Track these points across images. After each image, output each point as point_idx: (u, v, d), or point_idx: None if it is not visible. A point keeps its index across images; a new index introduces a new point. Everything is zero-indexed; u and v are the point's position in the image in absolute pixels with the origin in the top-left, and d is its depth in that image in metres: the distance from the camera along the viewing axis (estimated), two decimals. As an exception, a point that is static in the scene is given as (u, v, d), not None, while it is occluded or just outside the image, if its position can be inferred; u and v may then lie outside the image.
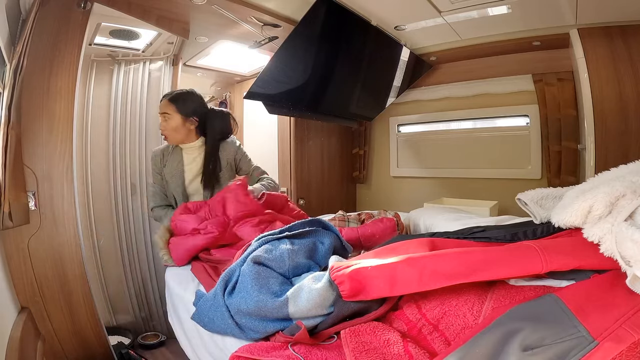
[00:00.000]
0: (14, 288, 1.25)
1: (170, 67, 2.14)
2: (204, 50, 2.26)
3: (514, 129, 2.42)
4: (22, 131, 1.28)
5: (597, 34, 1.72)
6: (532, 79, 2.26)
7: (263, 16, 1.78)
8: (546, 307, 0.59)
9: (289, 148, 2.50)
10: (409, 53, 2.31)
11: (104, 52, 1.99)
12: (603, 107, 1.68)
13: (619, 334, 0.50)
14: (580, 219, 0.71)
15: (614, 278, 0.63)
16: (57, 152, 1.34)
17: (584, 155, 1.84)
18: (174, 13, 1.76)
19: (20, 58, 1.12)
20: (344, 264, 0.80)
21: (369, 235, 1.30)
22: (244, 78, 2.88)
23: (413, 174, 2.87)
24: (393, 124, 2.94)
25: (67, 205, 1.36)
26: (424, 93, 2.74)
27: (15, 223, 1.14)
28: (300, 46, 1.84)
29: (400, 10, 1.82)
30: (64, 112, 1.35)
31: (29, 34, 1.16)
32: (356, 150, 3.09)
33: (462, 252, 0.75)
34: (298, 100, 2.15)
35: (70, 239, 1.37)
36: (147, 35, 1.94)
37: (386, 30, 2.03)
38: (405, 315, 0.75)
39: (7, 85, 1.05)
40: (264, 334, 0.80)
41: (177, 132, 1.53)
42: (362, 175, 3.08)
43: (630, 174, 0.73)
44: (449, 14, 1.78)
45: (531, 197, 1.00)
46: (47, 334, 1.32)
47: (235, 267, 0.96)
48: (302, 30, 1.73)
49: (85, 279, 1.41)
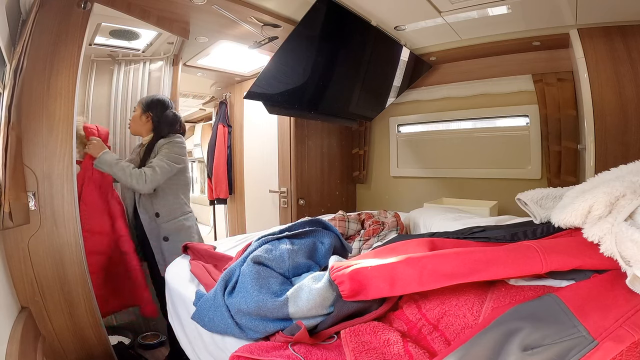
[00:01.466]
0: (14, 288, 1.25)
1: (170, 67, 2.14)
2: (204, 51, 2.26)
3: (513, 129, 2.42)
4: (22, 131, 1.28)
5: (597, 34, 1.72)
6: (532, 79, 2.26)
7: (263, 16, 1.78)
8: (546, 307, 0.60)
9: (289, 148, 2.50)
10: (408, 53, 2.31)
11: (104, 52, 1.99)
12: (603, 107, 1.68)
13: (619, 334, 0.50)
14: (580, 218, 0.71)
15: (614, 278, 0.63)
16: (57, 152, 1.34)
17: (584, 155, 1.84)
18: (174, 13, 1.76)
19: (20, 58, 1.12)
20: (344, 264, 0.80)
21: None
22: (244, 78, 2.88)
23: (413, 174, 2.87)
24: (393, 124, 2.94)
25: (67, 205, 1.36)
26: (423, 93, 2.74)
27: (15, 223, 1.14)
28: (300, 46, 1.84)
29: (400, 11, 1.82)
30: (64, 112, 1.35)
31: (29, 34, 1.16)
32: (356, 150, 3.09)
33: (461, 252, 0.75)
34: (298, 100, 2.15)
35: (70, 239, 1.37)
36: (147, 35, 1.94)
37: (386, 30, 2.03)
38: (405, 315, 0.75)
39: (7, 86, 1.05)
40: (264, 333, 0.80)
41: (134, 122, 1.81)
42: (362, 175, 3.08)
43: (630, 174, 0.73)
44: (448, 14, 1.78)
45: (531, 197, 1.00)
46: (47, 333, 1.32)
47: (235, 267, 0.96)
48: (302, 30, 1.73)
49: (85, 279, 1.41)
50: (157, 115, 1.80)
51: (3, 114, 1.03)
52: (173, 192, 1.78)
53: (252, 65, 2.64)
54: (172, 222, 1.77)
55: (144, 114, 1.79)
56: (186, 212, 1.84)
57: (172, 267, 1.32)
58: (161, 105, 1.82)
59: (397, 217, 1.71)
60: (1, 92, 1.03)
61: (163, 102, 1.83)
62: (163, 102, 1.83)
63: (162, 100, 1.84)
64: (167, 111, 1.83)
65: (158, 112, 1.80)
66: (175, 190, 1.79)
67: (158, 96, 1.86)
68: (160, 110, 1.81)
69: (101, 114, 2.02)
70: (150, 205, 1.75)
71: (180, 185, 1.81)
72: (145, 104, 1.80)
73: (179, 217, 1.80)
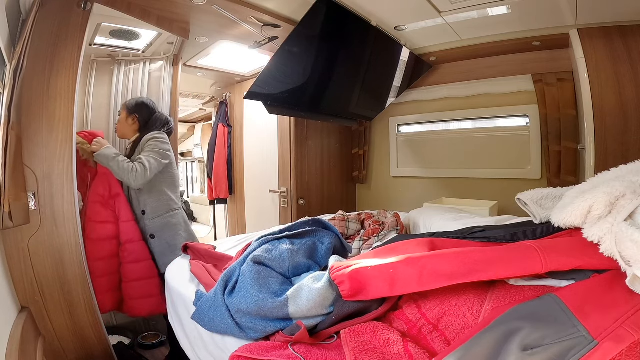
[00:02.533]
0: (14, 288, 1.25)
1: (170, 67, 2.14)
2: (204, 51, 2.26)
3: (513, 129, 2.42)
4: (22, 131, 1.28)
5: (597, 35, 1.72)
6: (532, 79, 2.26)
7: (263, 16, 1.78)
8: (546, 307, 0.60)
9: (289, 148, 2.50)
10: (408, 53, 2.31)
11: (104, 53, 1.99)
12: (603, 107, 1.68)
13: (619, 334, 0.50)
14: (580, 218, 0.71)
15: (614, 278, 0.63)
16: (57, 152, 1.34)
17: (584, 155, 1.84)
18: (174, 13, 1.76)
19: (20, 58, 1.12)
20: (344, 264, 0.80)
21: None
22: (244, 78, 2.88)
23: (413, 174, 2.87)
24: (393, 124, 2.94)
25: (67, 205, 1.36)
26: (423, 93, 2.74)
27: (15, 223, 1.14)
28: (300, 46, 1.84)
29: (400, 11, 1.82)
30: (64, 112, 1.35)
31: (29, 34, 1.16)
32: (356, 150, 3.09)
33: (461, 252, 0.75)
34: (298, 100, 2.15)
35: (70, 239, 1.37)
36: (147, 35, 1.94)
37: (386, 30, 2.03)
38: (405, 315, 0.75)
39: (7, 86, 1.05)
40: (264, 333, 0.80)
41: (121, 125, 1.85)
42: (362, 175, 3.08)
43: (630, 174, 0.73)
44: (448, 14, 1.78)
45: (531, 197, 1.00)
46: (47, 333, 1.32)
47: (235, 267, 0.96)
48: (302, 30, 1.73)
49: (85, 279, 1.41)
50: (143, 116, 1.84)
51: (3, 114, 1.03)
52: (159, 189, 1.79)
53: (252, 65, 2.64)
54: (157, 219, 1.78)
55: (129, 117, 1.82)
56: (173, 209, 1.84)
57: (172, 267, 1.32)
58: (146, 106, 1.87)
59: (397, 217, 1.71)
60: (1, 92, 1.03)
61: (147, 103, 1.88)
62: (147, 103, 1.88)
63: (146, 102, 1.89)
64: (153, 112, 1.88)
65: (144, 114, 1.85)
66: (161, 186, 1.79)
67: (142, 98, 1.91)
68: (146, 112, 1.86)
69: (101, 114, 2.02)
70: (137, 203, 1.77)
71: (167, 182, 1.82)
72: (130, 106, 1.84)
73: (164, 214, 1.80)
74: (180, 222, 1.86)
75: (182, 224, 1.87)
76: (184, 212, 1.92)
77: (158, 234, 1.77)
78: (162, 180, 1.79)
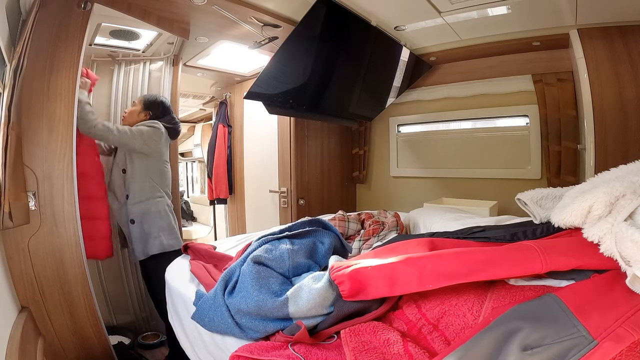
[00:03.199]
0: (14, 288, 1.25)
1: (170, 67, 2.14)
2: (204, 51, 2.26)
3: (513, 129, 2.42)
4: (22, 131, 1.28)
5: (597, 35, 1.72)
6: (532, 79, 2.26)
7: (263, 16, 1.78)
8: (546, 306, 0.60)
9: (289, 148, 2.50)
10: (408, 53, 2.31)
11: (104, 53, 1.99)
12: (603, 107, 1.68)
13: (618, 334, 0.50)
14: (580, 219, 0.71)
15: (614, 278, 0.63)
16: (57, 152, 1.34)
17: (584, 155, 1.84)
18: (174, 13, 1.76)
19: (20, 58, 1.12)
20: (344, 264, 0.80)
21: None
22: (244, 78, 2.88)
23: (413, 174, 2.87)
24: (393, 124, 2.94)
25: (67, 205, 1.36)
26: (423, 93, 2.74)
27: (15, 223, 1.14)
28: (300, 46, 1.84)
29: (400, 11, 1.82)
30: (64, 112, 1.35)
31: (29, 34, 1.16)
32: (356, 150, 3.09)
33: (461, 252, 0.75)
34: (298, 101, 2.15)
35: (71, 239, 1.37)
36: (147, 35, 1.94)
37: (386, 30, 2.03)
38: (405, 315, 0.75)
39: (7, 86, 1.05)
40: (264, 333, 0.80)
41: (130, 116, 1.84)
42: (362, 175, 3.08)
43: (630, 174, 0.73)
44: (448, 14, 1.78)
45: (531, 197, 1.00)
46: (47, 333, 1.32)
47: (235, 267, 0.96)
48: (302, 30, 1.73)
49: (85, 279, 1.41)
50: (156, 115, 1.85)
51: (3, 113, 1.03)
52: (142, 175, 1.78)
53: (252, 65, 2.64)
54: (138, 204, 1.77)
55: (143, 111, 1.83)
56: (156, 197, 1.81)
57: (172, 267, 1.32)
58: (162, 107, 1.88)
59: (397, 217, 1.71)
60: (1, 92, 1.03)
61: (165, 104, 1.89)
62: (165, 104, 1.89)
63: (165, 102, 1.90)
64: (166, 114, 1.88)
65: (158, 113, 1.85)
66: (144, 172, 1.78)
67: (162, 98, 1.92)
68: (161, 112, 1.87)
69: (101, 114, 2.01)
70: (123, 187, 1.77)
71: (151, 169, 1.80)
72: (148, 102, 1.85)
73: (145, 200, 1.78)
74: (162, 211, 1.83)
75: (164, 212, 1.83)
76: (168, 201, 1.88)
77: (137, 219, 1.76)
78: (147, 166, 1.78)
